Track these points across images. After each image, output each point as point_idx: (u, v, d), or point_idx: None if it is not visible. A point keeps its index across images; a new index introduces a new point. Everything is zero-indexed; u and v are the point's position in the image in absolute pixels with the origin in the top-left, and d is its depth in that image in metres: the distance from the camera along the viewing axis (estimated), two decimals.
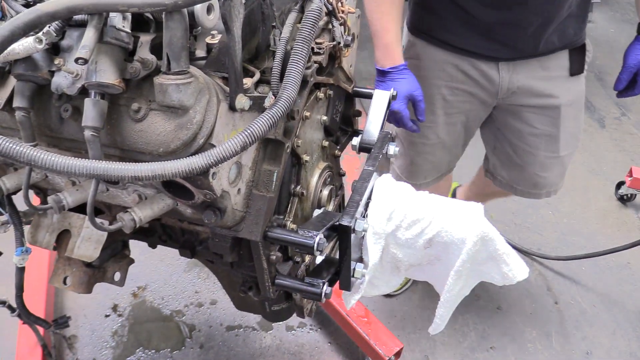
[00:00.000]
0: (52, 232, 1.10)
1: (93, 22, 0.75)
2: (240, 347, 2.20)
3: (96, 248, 1.06)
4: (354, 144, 1.25)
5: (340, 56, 1.17)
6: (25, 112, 0.84)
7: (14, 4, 0.84)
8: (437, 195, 1.10)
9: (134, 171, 0.74)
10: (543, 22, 1.49)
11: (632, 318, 2.38)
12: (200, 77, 0.82)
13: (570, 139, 1.76)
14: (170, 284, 2.43)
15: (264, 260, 1.02)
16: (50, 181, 1.07)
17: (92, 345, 2.18)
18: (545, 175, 1.83)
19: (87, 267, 1.14)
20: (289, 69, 0.89)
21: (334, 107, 1.29)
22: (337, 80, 1.23)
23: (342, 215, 1.01)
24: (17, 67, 0.82)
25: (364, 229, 1.02)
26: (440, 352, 2.24)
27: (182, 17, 0.76)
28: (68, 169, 0.73)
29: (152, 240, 1.30)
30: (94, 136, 0.79)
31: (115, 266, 1.19)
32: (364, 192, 1.06)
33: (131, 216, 0.88)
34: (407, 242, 1.07)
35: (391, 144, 1.22)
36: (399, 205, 1.06)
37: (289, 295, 1.29)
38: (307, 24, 0.90)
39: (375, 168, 1.13)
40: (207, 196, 0.88)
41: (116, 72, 0.78)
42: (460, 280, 1.10)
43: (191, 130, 0.80)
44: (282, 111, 0.85)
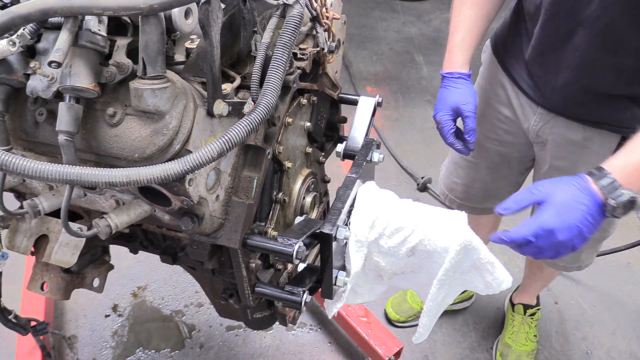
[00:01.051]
0: (30, 237, 1.09)
1: (67, 25, 0.74)
2: (240, 347, 2.19)
3: (74, 254, 1.05)
4: (338, 151, 1.24)
5: (324, 62, 1.16)
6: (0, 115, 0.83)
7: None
8: (420, 204, 1.09)
9: (108, 177, 0.73)
10: (573, 77, 1.30)
11: (632, 318, 2.39)
12: (178, 82, 0.81)
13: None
14: (170, 284, 2.42)
15: (243, 267, 1.01)
16: (28, 185, 1.06)
17: (92, 345, 2.17)
18: None
19: (65, 273, 1.12)
20: (269, 74, 0.88)
21: (319, 114, 1.29)
22: (321, 86, 1.22)
23: (323, 222, 1.01)
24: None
25: (346, 236, 1.01)
26: (440, 352, 2.24)
27: (159, 21, 0.75)
28: (41, 174, 0.72)
29: (133, 246, 1.28)
30: (68, 141, 0.77)
31: (95, 272, 1.17)
32: (346, 200, 1.05)
33: (107, 222, 0.87)
34: (389, 251, 1.06)
35: (376, 151, 1.21)
36: (382, 213, 1.05)
37: (271, 303, 1.27)
38: (287, 29, 0.90)
39: (359, 175, 1.12)
40: (184, 203, 0.87)
41: (91, 76, 0.77)
42: (443, 289, 1.09)
43: (167, 135, 0.79)
44: (260, 117, 0.84)
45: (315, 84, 1.18)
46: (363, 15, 4.76)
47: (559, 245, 0.98)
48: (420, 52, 4.30)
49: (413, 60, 4.20)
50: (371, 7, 4.91)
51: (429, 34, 4.57)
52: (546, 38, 1.31)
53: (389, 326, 2.29)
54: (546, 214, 0.98)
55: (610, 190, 0.96)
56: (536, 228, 0.97)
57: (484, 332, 2.31)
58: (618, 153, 1.03)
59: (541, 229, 0.97)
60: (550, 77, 1.35)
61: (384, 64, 4.13)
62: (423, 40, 4.47)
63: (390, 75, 3.99)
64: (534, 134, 1.49)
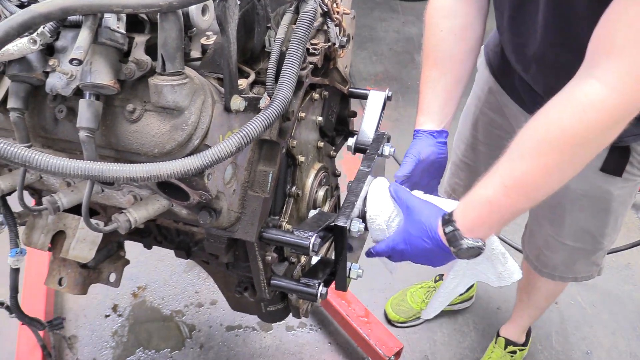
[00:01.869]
0: (47, 233, 1.10)
1: (87, 23, 0.75)
2: (240, 347, 2.21)
3: (91, 249, 1.06)
4: (349, 145, 1.25)
5: (335, 57, 1.17)
6: (19, 113, 0.84)
7: (8, 4, 0.84)
8: (433, 196, 1.10)
9: (129, 172, 0.74)
10: (548, 87, 1.23)
11: (632, 318, 2.39)
12: (195, 78, 0.82)
13: (581, 234, 1.53)
14: (170, 284, 2.43)
15: (259, 260, 1.02)
16: (45, 182, 1.07)
17: (92, 345, 2.18)
18: (548, 254, 1.64)
19: (82, 268, 1.14)
20: (284, 69, 0.89)
21: (329, 108, 1.30)
22: (332, 81, 1.23)
23: (337, 215, 1.02)
24: (12, 68, 0.82)
25: (360, 229, 1.03)
26: (440, 352, 2.24)
27: (177, 17, 0.76)
28: (62, 170, 0.73)
29: (147, 241, 1.30)
30: (89, 137, 0.79)
31: (111, 267, 1.19)
32: (359, 193, 1.06)
33: (126, 217, 0.88)
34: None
35: (386, 145, 1.22)
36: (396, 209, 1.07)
37: (284, 295, 1.29)
38: (302, 24, 0.90)
39: (371, 169, 1.13)
40: (203, 197, 0.88)
41: (111, 73, 0.78)
42: (456, 279, 1.10)
43: (186, 131, 0.80)
44: (277, 112, 0.85)
45: (326, 78, 1.19)
46: (363, 15, 4.75)
47: (415, 261, 1.06)
48: (420, 52, 4.30)
49: (413, 60, 4.20)
50: (371, 7, 4.90)
51: None
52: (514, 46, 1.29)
53: (389, 326, 2.30)
54: (399, 237, 1.04)
55: (452, 239, 0.98)
56: (389, 249, 1.06)
57: (484, 332, 2.32)
58: (463, 197, 1.01)
59: (393, 250, 1.05)
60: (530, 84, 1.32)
61: (384, 64, 4.13)
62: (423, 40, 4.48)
63: (390, 76, 3.99)
64: None
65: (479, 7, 1.27)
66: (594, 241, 1.54)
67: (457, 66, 1.27)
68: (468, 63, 1.29)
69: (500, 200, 0.95)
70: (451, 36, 1.25)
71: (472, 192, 0.99)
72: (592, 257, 1.61)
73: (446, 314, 2.39)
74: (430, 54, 1.28)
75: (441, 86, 1.26)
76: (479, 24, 1.28)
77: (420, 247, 1.01)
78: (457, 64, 1.27)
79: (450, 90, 1.26)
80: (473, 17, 1.26)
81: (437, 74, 1.26)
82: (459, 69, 1.27)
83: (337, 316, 2.15)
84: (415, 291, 2.37)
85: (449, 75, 1.26)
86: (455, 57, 1.26)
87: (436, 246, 0.99)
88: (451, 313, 2.38)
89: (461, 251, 0.97)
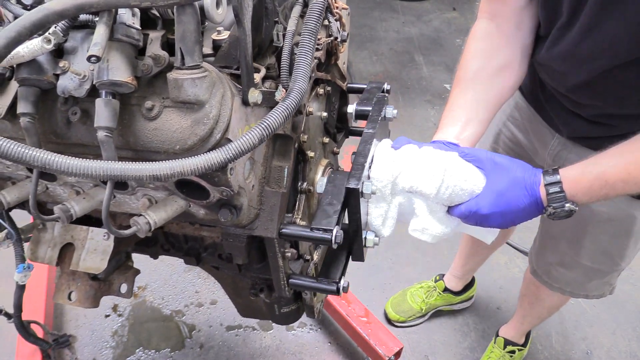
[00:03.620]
0: (54, 246, 1.06)
1: (103, 19, 0.74)
2: (240, 347, 2.19)
3: (103, 259, 1.03)
4: (350, 111, 1.21)
5: (337, 52, 1.18)
6: (30, 117, 0.81)
7: (13, 7, 0.82)
8: (438, 152, 1.06)
9: (152, 170, 0.72)
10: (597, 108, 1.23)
11: (632, 318, 2.40)
12: (213, 71, 0.81)
13: (600, 255, 1.51)
14: (170, 284, 2.42)
15: (279, 257, 1.01)
16: (51, 193, 1.03)
17: (92, 345, 2.16)
18: (562, 272, 1.62)
19: (93, 281, 1.10)
20: (298, 61, 0.89)
21: (331, 104, 1.30)
22: (333, 77, 1.24)
23: (348, 178, 0.98)
24: (21, 71, 0.79)
25: (373, 191, 0.99)
26: (440, 352, 2.25)
27: (194, 10, 0.75)
28: (84, 171, 0.71)
29: (153, 251, 1.27)
30: (108, 137, 0.77)
31: (121, 278, 1.15)
32: (367, 154, 1.03)
33: (146, 219, 0.86)
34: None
35: (388, 107, 1.19)
36: (406, 168, 1.03)
37: (297, 296, 1.27)
38: (312, 16, 0.91)
39: (376, 130, 1.09)
40: (224, 193, 0.87)
41: (128, 70, 0.77)
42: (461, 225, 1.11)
43: (208, 125, 0.78)
44: (295, 103, 0.84)
45: (328, 74, 1.20)
46: (363, 15, 4.80)
47: (488, 224, 1.04)
48: (420, 52, 4.35)
49: (413, 60, 4.25)
50: (371, 7, 4.95)
51: (429, 34, 4.63)
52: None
53: (389, 326, 2.30)
54: (485, 199, 1.01)
55: (555, 199, 0.98)
56: (471, 212, 1.02)
57: (484, 332, 2.33)
58: (578, 163, 1.02)
59: (475, 214, 1.01)
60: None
61: (384, 64, 4.16)
62: (423, 40, 4.52)
63: (390, 76, 4.03)
64: (550, 159, 1.45)
65: (512, 34, 1.23)
66: (612, 263, 1.53)
67: (479, 87, 1.22)
68: (495, 85, 1.23)
69: (616, 183, 0.97)
70: (477, 55, 1.24)
71: (588, 163, 1.00)
72: (607, 277, 1.60)
73: (446, 314, 2.39)
74: (457, 74, 1.26)
75: (459, 104, 1.21)
76: (510, 49, 1.23)
77: (514, 205, 0.99)
78: (479, 84, 1.22)
79: (470, 109, 1.20)
80: (502, 40, 1.23)
81: (458, 90, 1.23)
82: (482, 90, 1.22)
83: (337, 316, 2.15)
84: (415, 291, 2.37)
85: (469, 95, 1.21)
86: (479, 77, 1.22)
87: (532, 204, 0.99)
88: (451, 313, 2.39)
89: (559, 212, 0.98)
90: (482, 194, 1.01)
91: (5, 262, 1.21)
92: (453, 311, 2.39)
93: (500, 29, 1.23)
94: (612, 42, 1.04)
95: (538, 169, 1.02)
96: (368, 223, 1.07)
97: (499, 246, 2.19)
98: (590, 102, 1.22)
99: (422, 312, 2.33)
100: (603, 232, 1.45)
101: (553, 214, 0.99)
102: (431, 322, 2.36)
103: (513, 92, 1.29)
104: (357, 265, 2.66)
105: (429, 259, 2.64)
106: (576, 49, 1.10)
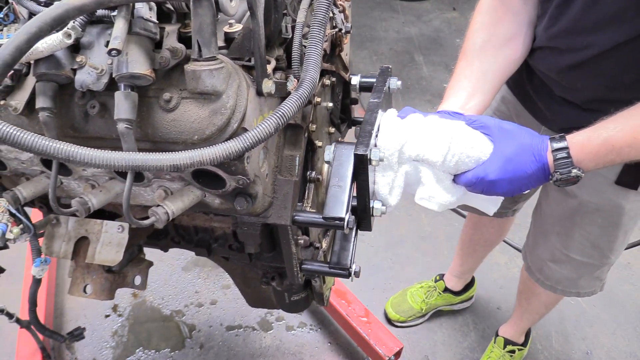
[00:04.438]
0: (69, 240, 1.08)
1: (122, 14, 0.75)
2: (240, 347, 2.21)
3: (118, 251, 1.05)
4: (354, 83, 1.22)
5: (341, 43, 1.20)
6: (49, 112, 0.83)
7: (28, 3, 0.83)
8: (444, 120, 1.07)
9: (172, 160, 0.74)
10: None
11: (632, 318, 2.41)
12: (228, 62, 0.83)
13: (590, 248, 1.52)
14: (170, 284, 2.43)
15: (292, 244, 1.03)
16: (65, 188, 1.05)
17: (92, 345, 2.17)
18: (553, 268, 1.64)
19: (108, 273, 1.12)
20: (309, 52, 0.91)
21: (335, 95, 1.32)
22: (337, 68, 1.26)
23: (356, 145, 0.98)
24: (40, 66, 0.81)
25: (381, 157, 1.00)
26: (440, 352, 2.26)
27: (210, 3, 0.77)
28: (107, 162, 0.73)
29: (164, 243, 1.29)
30: (128, 129, 0.78)
31: (135, 270, 1.17)
32: (374, 122, 1.03)
33: (164, 209, 0.88)
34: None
35: (392, 78, 1.19)
36: (412, 136, 1.04)
37: (307, 284, 1.30)
38: (321, 6, 0.93)
39: (381, 100, 1.10)
40: (240, 182, 0.89)
41: (147, 62, 0.78)
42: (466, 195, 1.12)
43: (225, 115, 0.80)
44: (308, 92, 0.87)
45: (332, 65, 1.22)
46: (363, 15, 4.80)
47: (495, 191, 1.04)
48: (420, 52, 4.37)
49: (413, 60, 4.26)
50: (371, 7, 4.94)
51: (429, 34, 4.64)
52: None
53: (389, 326, 2.32)
54: (492, 165, 1.01)
55: (562, 165, 0.99)
56: (478, 179, 1.02)
57: (484, 332, 2.34)
58: (584, 129, 1.03)
59: (482, 180, 1.02)
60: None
61: (384, 64, 4.14)
62: (423, 40, 4.53)
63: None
64: None
65: (518, 7, 1.25)
66: (601, 256, 1.55)
67: (485, 58, 1.24)
68: (501, 56, 1.25)
69: (623, 148, 0.97)
70: (483, 29, 1.25)
71: (595, 129, 1.00)
72: (597, 272, 1.61)
73: (446, 314, 2.40)
74: (463, 47, 1.28)
75: (465, 74, 1.23)
76: (516, 22, 1.25)
77: (521, 171, 1.00)
78: (485, 56, 1.24)
79: (476, 79, 1.22)
80: (508, 13, 1.25)
81: (464, 62, 1.25)
82: (488, 61, 1.24)
83: (337, 316, 2.16)
84: (415, 291, 2.37)
85: (475, 65, 1.23)
86: (485, 48, 1.24)
87: (540, 169, 0.99)
88: (451, 313, 2.40)
89: (564, 178, 0.98)
90: (490, 160, 1.02)
91: (5, 262, 1.21)
92: (453, 311, 2.40)
93: (506, 2, 1.25)
94: (616, 14, 1.05)
95: (545, 135, 1.03)
96: (375, 192, 1.07)
97: (496, 245, 2.20)
98: (583, 86, 1.24)
99: (422, 312, 2.33)
100: (592, 224, 1.47)
101: (560, 179, 1.00)
102: (431, 322, 2.37)
103: (518, 65, 1.30)
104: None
105: (429, 259, 2.64)
106: (578, 23, 1.12)
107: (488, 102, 1.24)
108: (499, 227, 2.05)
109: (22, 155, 0.97)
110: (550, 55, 1.26)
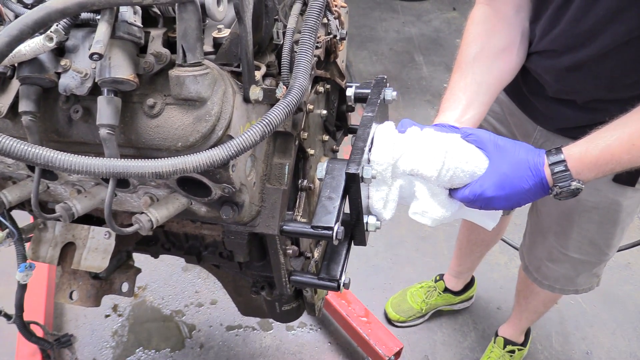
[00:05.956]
0: (56, 246, 1.07)
1: (105, 17, 0.74)
2: (240, 347, 2.20)
3: (104, 258, 1.03)
4: (349, 94, 1.19)
5: (336, 50, 1.18)
6: (32, 116, 0.81)
7: (14, 5, 0.82)
8: (439, 134, 1.05)
9: (154, 167, 0.73)
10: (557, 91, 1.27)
11: (632, 318, 2.40)
12: (214, 68, 0.81)
13: (588, 246, 1.51)
14: (170, 284, 2.43)
15: (280, 254, 1.01)
16: (52, 192, 1.04)
17: (92, 345, 2.17)
18: (551, 267, 1.63)
19: (94, 280, 1.10)
20: (299, 58, 0.89)
21: (330, 102, 1.30)
22: (332, 75, 1.24)
23: (347, 163, 0.97)
24: (23, 69, 0.80)
25: (373, 175, 0.98)
26: (440, 352, 2.25)
27: (196, 7, 0.75)
28: (87, 169, 0.71)
29: (154, 250, 1.27)
30: (110, 134, 0.77)
31: (122, 277, 1.16)
32: (366, 139, 1.02)
33: (148, 217, 0.86)
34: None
35: (387, 89, 1.17)
36: (407, 150, 1.03)
37: (298, 294, 1.28)
38: (312, 13, 0.91)
39: (375, 114, 1.08)
40: (226, 190, 0.87)
41: (130, 67, 0.77)
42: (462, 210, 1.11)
43: (210, 122, 0.79)
44: (296, 100, 0.85)
45: (327, 72, 1.20)
46: (363, 15, 4.80)
47: (493, 206, 1.03)
48: (420, 52, 4.36)
49: (413, 60, 4.25)
50: (371, 7, 4.95)
51: (429, 34, 4.63)
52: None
53: (389, 326, 2.31)
54: (488, 181, 1.00)
55: (561, 179, 0.97)
56: (475, 196, 1.01)
57: (484, 332, 2.33)
58: (581, 140, 1.01)
59: (480, 196, 1.00)
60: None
61: (384, 64, 4.17)
62: (423, 40, 4.53)
63: (390, 76, 4.03)
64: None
65: (511, 17, 1.23)
66: (599, 253, 1.53)
67: (479, 69, 1.21)
68: (495, 67, 1.23)
69: (622, 156, 0.96)
70: (476, 40, 1.24)
71: (591, 139, 0.98)
72: (595, 268, 1.60)
73: (446, 314, 2.40)
74: (457, 58, 1.26)
75: (459, 87, 1.21)
76: (510, 32, 1.23)
77: (519, 186, 0.98)
78: (479, 67, 1.22)
79: (470, 92, 1.20)
80: (501, 24, 1.23)
81: (458, 74, 1.23)
82: (482, 72, 1.21)
83: (337, 316, 2.15)
84: (415, 291, 2.37)
85: (469, 77, 1.21)
86: (479, 59, 1.22)
87: (538, 184, 0.98)
88: (451, 313, 2.39)
89: (565, 192, 0.96)
90: (486, 176, 1.00)
91: (5, 262, 1.20)
92: (453, 311, 2.39)
93: (498, 13, 1.23)
94: (616, 14, 1.03)
95: (541, 149, 1.01)
96: (369, 207, 1.06)
97: (493, 244, 2.20)
98: (582, 87, 1.23)
99: (422, 312, 2.33)
100: (589, 221, 1.45)
101: (559, 193, 0.98)
102: (431, 322, 2.36)
103: (513, 75, 1.28)
104: (357, 265, 2.65)
105: (429, 259, 2.63)
106: (578, 24, 1.10)
107: (484, 114, 1.22)
108: (495, 227, 2.03)
109: (8, 158, 0.95)
110: (548, 58, 1.25)
